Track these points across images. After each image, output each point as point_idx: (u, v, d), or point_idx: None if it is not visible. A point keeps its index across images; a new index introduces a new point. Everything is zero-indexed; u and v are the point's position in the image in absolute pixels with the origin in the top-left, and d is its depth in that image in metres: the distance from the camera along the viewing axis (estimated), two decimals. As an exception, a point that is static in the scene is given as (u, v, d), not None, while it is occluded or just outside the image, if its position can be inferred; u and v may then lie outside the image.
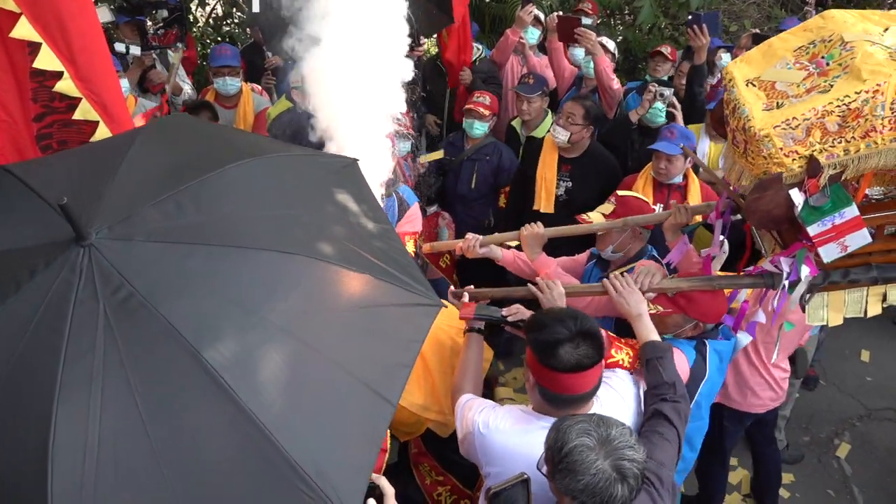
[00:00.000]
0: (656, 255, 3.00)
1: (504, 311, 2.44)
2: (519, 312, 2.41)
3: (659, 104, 4.13)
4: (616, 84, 4.46)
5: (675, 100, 4.26)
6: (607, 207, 2.95)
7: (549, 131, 4.15)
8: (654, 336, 2.29)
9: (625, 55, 5.33)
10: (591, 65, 4.51)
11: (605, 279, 2.46)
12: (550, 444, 1.72)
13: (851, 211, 1.87)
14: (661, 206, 3.66)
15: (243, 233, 1.38)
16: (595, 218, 2.92)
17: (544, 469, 1.74)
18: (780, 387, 3.17)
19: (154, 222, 1.34)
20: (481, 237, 3.00)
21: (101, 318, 1.21)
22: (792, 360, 3.43)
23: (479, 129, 4.37)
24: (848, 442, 4.20)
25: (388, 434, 2.10)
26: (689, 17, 4.44)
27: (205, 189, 1.43)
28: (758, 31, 5.64)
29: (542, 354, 1.90)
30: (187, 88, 5.08)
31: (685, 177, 3.78)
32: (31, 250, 1.32)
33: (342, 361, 1.33)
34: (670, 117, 4.20)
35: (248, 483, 1.21)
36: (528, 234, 2.90)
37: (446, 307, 1.77)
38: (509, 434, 1.99)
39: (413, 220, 3.39)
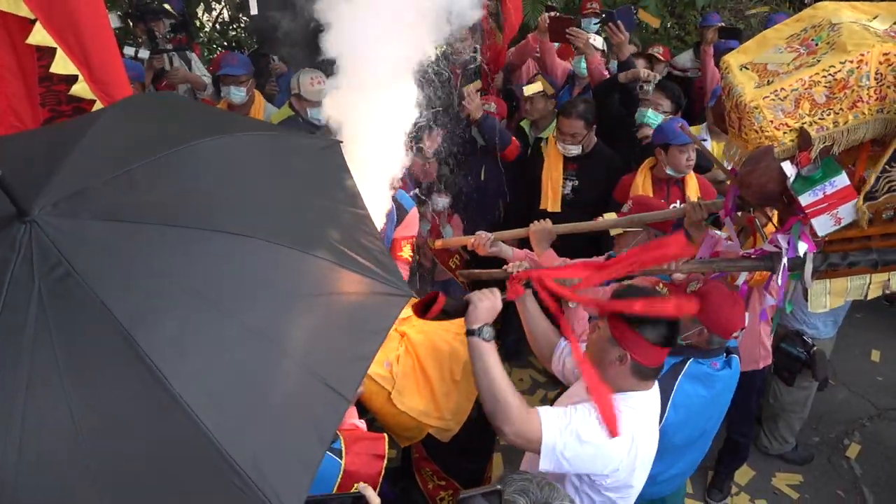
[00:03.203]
0: None
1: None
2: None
3: (650, 112, 4.12)
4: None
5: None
6: (625, 209, 2.96)
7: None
8: None
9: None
10: (583, 63, 4.60)
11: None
12: (488, 489, 1.68)
13: (842, 180, 1.88)
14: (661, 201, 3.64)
15: (196, 213, 1.31)
16: (610, 219, 2.92)
17: None
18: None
19: (104, 199, 1.27)
20: (492, 235, 2.99)
21: (34, 297, 1.16)
22: (811, 363, 3.42)
23: None
24: (858, 442, 4.15)
25: (387, 439, 2.09)
26: (604, 14, 4.54)
27: (163, 166, 1.35)
28: (723, 24, 5.61)
29: (645, 330, 1.91)
30: (209, 83, 5.13)
31: (682, 170, 3.77)
32: None
33: (292, 351, 1.24)
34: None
35: (177, 475, 1.15)
36: (537, 230, 2.92)
37: (415, 296, 1.69)
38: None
39: (410, 225, 3.40)
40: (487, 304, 2.02)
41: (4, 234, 1.20)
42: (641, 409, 1.99)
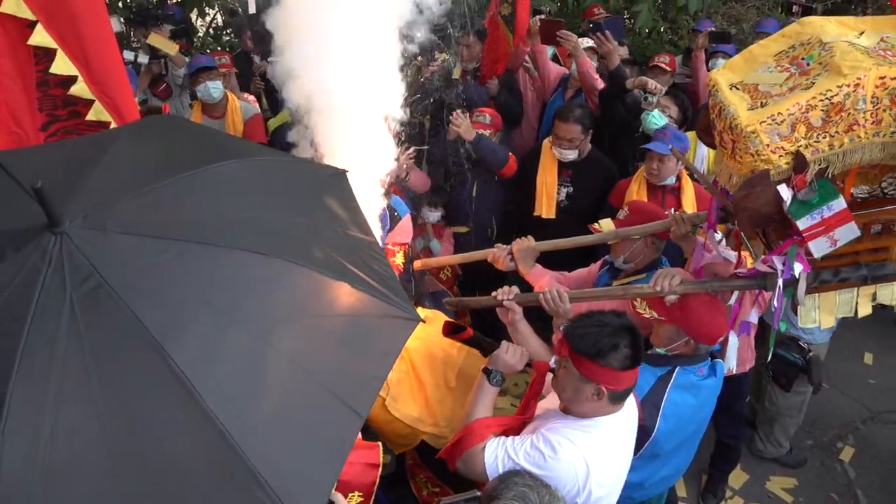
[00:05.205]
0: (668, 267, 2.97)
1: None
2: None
3: (656, 113, 4.11)
4: (600, 84, 4.40)
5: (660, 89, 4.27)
6: (621, 215, 2.95)
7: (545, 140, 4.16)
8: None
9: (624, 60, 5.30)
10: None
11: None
12: (487, 489, 1.71)
13: (839, 203, 1.90)
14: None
15: (221, 231, 1.35)
16: (606, 226, 2.90)
17: None
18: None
19: (131, 214, 1.31)
20: (507, 247, 2.93)
21: (66, 306, 1.18)
22: (807, 368, 3.44)
23: None
24: (851, 445, 4.17)
25: (381, 448, 2.09)
26: (591, 24, 4.41)
27: (186, 186, 1.41)
28: (713, 28, 5.50)
29: (610, 360, 1.89)
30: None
31: (678, 178, 3.75)
32: (4, 234, 1.28)
33: (312, 369, 1.30)
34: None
35: (204, 486, 1.18)
36: (520, 248, 2.88)
37: (424, 321, 1.75)
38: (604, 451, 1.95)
39: (404, 231, 3.38)
40: (510, 359, 2.18)
41: (35, 244, 1.23)
42: (608, 432, 1.98)
